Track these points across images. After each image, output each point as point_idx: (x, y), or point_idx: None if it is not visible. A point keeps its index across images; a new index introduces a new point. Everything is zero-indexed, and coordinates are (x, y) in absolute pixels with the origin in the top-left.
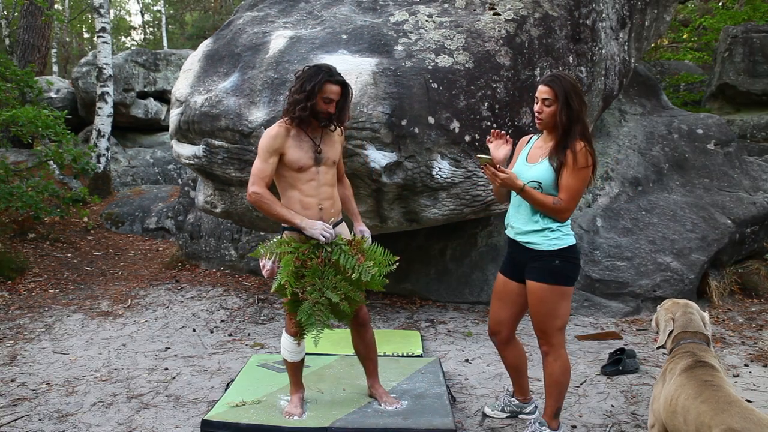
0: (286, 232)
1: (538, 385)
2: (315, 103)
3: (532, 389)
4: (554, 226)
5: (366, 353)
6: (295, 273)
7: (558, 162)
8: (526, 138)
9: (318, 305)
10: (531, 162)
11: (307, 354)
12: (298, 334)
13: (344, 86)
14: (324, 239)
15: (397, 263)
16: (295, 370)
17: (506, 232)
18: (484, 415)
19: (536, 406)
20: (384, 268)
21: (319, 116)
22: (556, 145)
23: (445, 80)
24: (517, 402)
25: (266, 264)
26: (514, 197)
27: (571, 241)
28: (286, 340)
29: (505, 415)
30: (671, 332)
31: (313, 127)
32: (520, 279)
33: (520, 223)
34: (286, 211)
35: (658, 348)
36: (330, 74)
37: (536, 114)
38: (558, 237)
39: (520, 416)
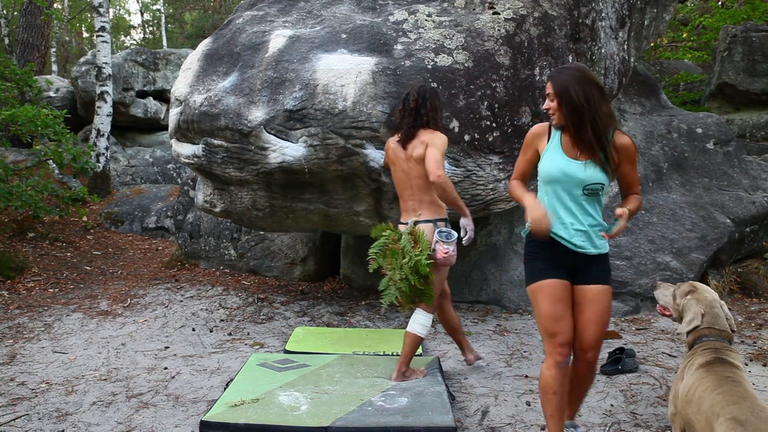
0: (421, 224)
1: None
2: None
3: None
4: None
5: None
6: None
7: (615, 159)
8: (543, 127)
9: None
10: (572, 157)
11: (306, 354)
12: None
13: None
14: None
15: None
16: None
17: (555, 237)
18: (484, 414)
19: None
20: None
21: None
22: (591, 142)
23: (444, 79)
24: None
25: (450, 248)
26: (576, 199)
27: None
28: (427, 318)
29: None
30: (698, 329)
31: None
32: (568, 278)
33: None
34: (461, 201)
35: (678, 334)
36: None
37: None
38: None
39: None
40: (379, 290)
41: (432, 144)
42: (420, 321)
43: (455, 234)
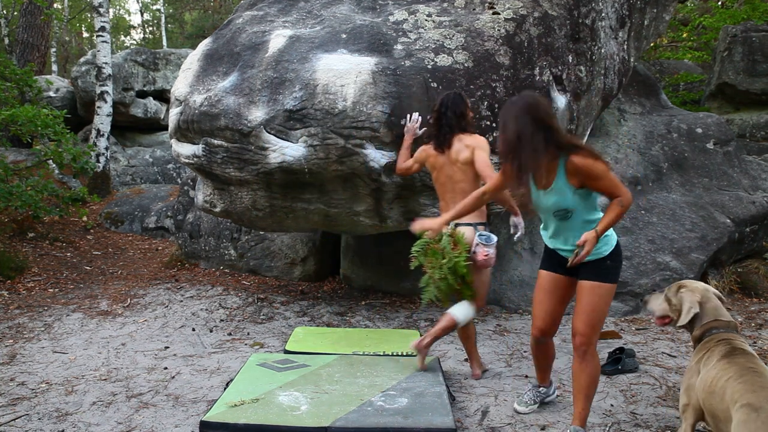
0: (462, 227)
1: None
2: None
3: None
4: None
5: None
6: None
7: (577, 183)
8: None
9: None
10: (537, 186)
11: (306, 354)
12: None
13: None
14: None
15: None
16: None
17: (552, 247)
18: (484, 414)
19: (553, 383)
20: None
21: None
22: (519, 176)
23: (444, 79)
24: (544, 389)
25: (490, 251)
26: (554, 221)
27: (615, 240)
28: (470, 309)
29: (536, 405)
30: (703, 323)
31: None
32: (565, 273)
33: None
34: (513, 200)
35: (678, 327)
36: None
37: None
38: (605, 242)
39: (546, 399)
40: (420, 287)
41: (479, 147)
42: (463, 309)
43: (495, 237)
